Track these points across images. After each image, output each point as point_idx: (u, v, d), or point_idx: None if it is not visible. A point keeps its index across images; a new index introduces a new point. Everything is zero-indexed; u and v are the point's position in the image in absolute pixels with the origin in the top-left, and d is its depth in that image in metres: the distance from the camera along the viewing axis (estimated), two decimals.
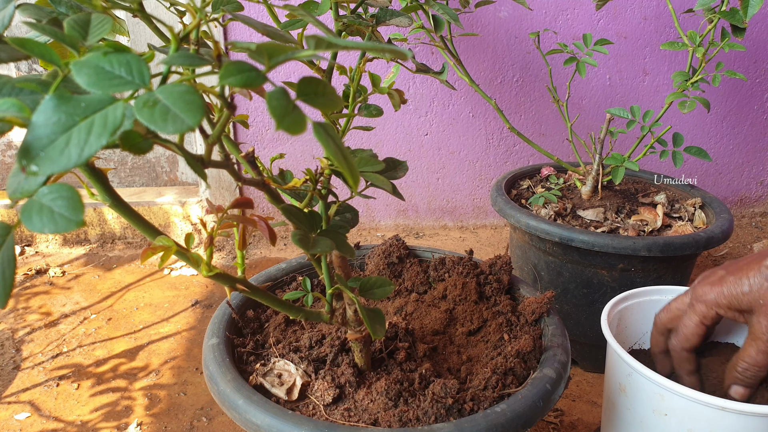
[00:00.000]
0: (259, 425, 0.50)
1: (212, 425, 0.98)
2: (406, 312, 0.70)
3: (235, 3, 0.44)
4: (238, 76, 0.25)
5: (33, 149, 0.23)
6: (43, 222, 0.26)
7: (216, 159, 0.35)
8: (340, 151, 0.27)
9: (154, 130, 0.24)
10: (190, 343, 1.20)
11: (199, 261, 0.40)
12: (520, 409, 0.52)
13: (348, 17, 0.53)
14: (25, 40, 0.26)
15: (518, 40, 1.50)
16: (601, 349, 0.98)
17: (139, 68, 0.26)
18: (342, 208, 0.54)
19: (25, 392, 1.05)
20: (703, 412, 0.67)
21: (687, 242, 0.97)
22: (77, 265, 1.52)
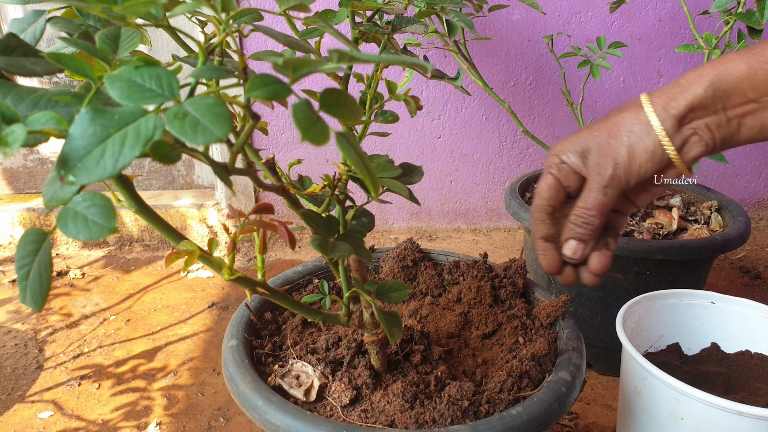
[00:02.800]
0: (278, 425, 0.51)
1: (229, 426, 1.00)
2: (421, 315, 0.71)
3: (255, 13, 0.45)
4: (264, 88, 0.26)
5: (71, 160, 0.24)
6: (78, 229, 0.27)
7: (239, 166, 0.36)
8: (362, 159, 0.28)
9: (185, 141, 0.25)
10: (207, 344, 1.22)
11: (221, 265, 0.41)
12: (535, 411, 0.53)
13: (364, 25, 0.54)
14: (61, 55, 0.27)
15: (531, 43, 1.50)
16: (615, 353, 0.99)
17: (168, 81, 0.27)
18: (359, 212, 0.55)
19: (48, 391, 1.07)
20: (720, 416, 0.67)
21: (703, 245, 0.97)
22: (96, 267, 1.55)
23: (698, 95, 0.52)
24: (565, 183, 0.59)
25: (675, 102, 0.52)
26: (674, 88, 0.53)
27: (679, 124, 0.53)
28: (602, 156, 0.55)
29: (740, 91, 0.52)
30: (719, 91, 0.52)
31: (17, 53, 0.29)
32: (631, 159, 0.54)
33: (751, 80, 0.51)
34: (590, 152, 0.56)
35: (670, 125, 0.53)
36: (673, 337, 0.91)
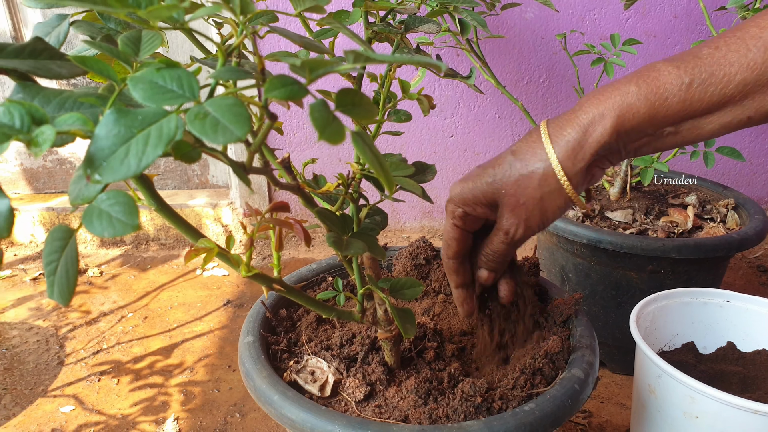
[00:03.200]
0: (294, 420, 0.52)
1: (245, 421, 1.01)
2: (433, 313, 0.71)
3: (270, 14, 0.46)
4: (282, 89, 0.27)
5: (96, 159, 0.25)
6: (102, 226, 0.28)
7: (256, 166, 0.37)
8: (377, 158, 0.29)
9: (205, 141, 0.25)
10: (223, 341, 1.24)
11: (239, 262, 0.42)
12: (548, 408, 0.53)
13: (377, 25, 0.54)
14: (85, 58, 0.28)
15: (544, 41, 1.50)
16: (629, 351, 0.99)
17: (189, 82, 0.28)
18: (372, 210, 0.55)
19: (69, 386, 1.09)
20: (736, 415, 0.67)
21: (719, 244, 0.96)
22: (114, 266, 1.57)
23: (603, 143, 0.52)
24: (470, 229, 0.60)
25: (582, 153, 0.52)
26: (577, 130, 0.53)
27: (587, 172, 0.54)
28: (512, 215, 0.55)
29: (641, 130, 0.52)
30: (622, 134, 0.52)
31: (44, 56, 0.31)
32: (543, 220, 0.55)
33: (651, 120, 0.52)
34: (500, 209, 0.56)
35: (578, 180, 0.53)
36: (688, 335, 0.90)
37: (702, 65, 0.50)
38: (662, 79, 0.51)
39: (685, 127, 0.53)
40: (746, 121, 0.51)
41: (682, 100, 0.51)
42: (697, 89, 0.50)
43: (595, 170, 0.55)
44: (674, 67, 0.51)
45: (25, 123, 0.25)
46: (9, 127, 0.24)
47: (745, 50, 0.49)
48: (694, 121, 0.52)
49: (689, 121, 0.52)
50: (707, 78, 0.50)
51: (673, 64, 0.51)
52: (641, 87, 0.51)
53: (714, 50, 0.50)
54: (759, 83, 0.49)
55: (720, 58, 0.50)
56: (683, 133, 0.53)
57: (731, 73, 0.49)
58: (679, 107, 0.51)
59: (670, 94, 0.51)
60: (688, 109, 0.51)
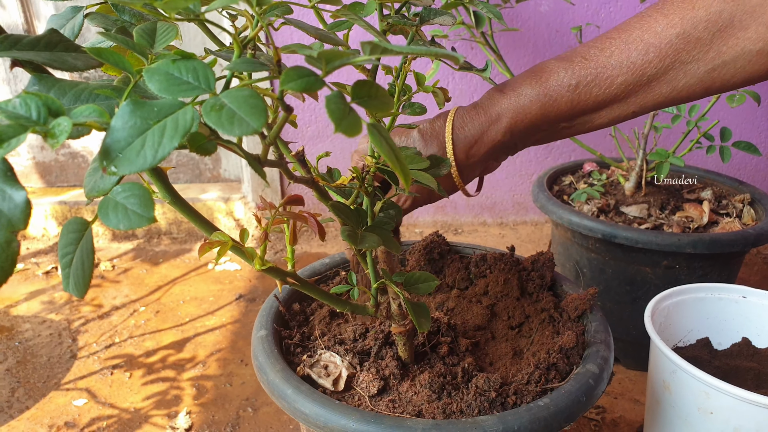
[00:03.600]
0: (308, 414, 0.52)
1: (257, 415, 1.01)
2: (447, 307, 0.71)
3: (285, 6, 0.45)
4: (299, 81, 0.26)
5: (112, 151, 0.25)
6: (118, 218, 0.28)
7: (271, 158, 0.37)
8: (393, 152, 0.28)
9: (222, 133, 0.25)
10: (235, 335, 1.24)
11: (253, 255, 0.42)
12: (563, 403, 0.53)
13: (392, 17, 0.54)
14: (101, 50, 0.28)
15: (559, 34, 1.49)
16: (643, 347, 0.98)
17: (205, 74, 0.28)
18: (386, 204, 0.55)
19: (82, 380, 1.10)
20: (751, 411, 0.66)
21: (735, 239, 0.95)
22: (126, 260, 1.58)
23: (497, 141, 0.56)
24: None
25: (476, 149, 0.57)
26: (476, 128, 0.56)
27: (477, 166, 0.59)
28: None
29: (535, 127, 0.56)
30: (516, 133, 0.56)
31: (59, 48, 0.30)
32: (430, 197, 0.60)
33: (544, 118, 0.56)
34: None
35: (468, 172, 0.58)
36: (703, 331, 0.89)
37: (588, 67, 0.54)
38: (552, 80, 0.55)
39: (578, 122, 0.57)
40: (631, 114, 0.55)
41: (570, 101, 0.55)
42: (583, 90, 0.54)
43: (490, 163, 0.60)
44: (563, 69, 0.55)
45: (41, 115, 0.24)
46: (26, 119, 0.24)
47: (627, 53, 0.53)
48: (585, 117, 0.56)
49: (579, 117, 0.56)
50: (592, 80, 0.54)
51: (563, 65, 0.55)
52: (535, 88, 0.55)
53: (599, 52, 0.54)
54: (639, 83, 0.53)
55: (604, 61, 0.54)
56: (576, 126, 0.57)
57: (614, 75, 0.53)
58: (567, 107, 0.55)
59: (558, 96, 0.55)
60: (575, 108, 0.55)
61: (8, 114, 0.24)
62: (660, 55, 0.52)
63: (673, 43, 0.51)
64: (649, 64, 0.52)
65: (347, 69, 1.44)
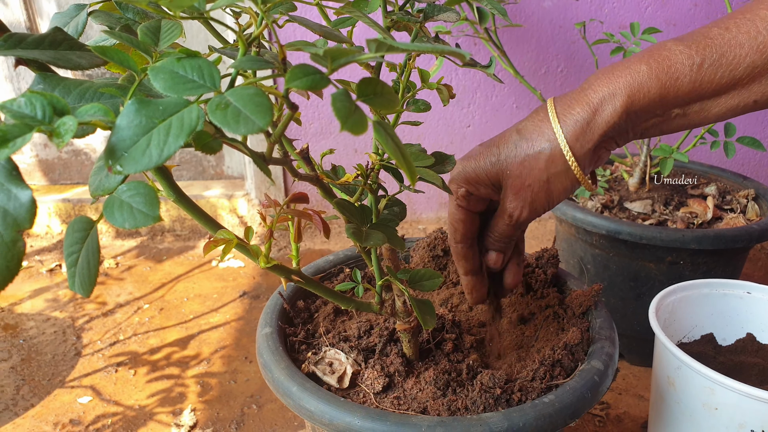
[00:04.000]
0: (313, 411, 0.52)
1: (262, 412, 1.01)
2: (452, 304, 0.71)
3: (289, 3, 0.45)
4: (304, 79, 0.26)
5: (117, 150, 0.25)
6: (123, 217, 0.28)
7: (275, 156, 0.37)
8: (399, 149, 0.28)
9: (227, 131, 0.25)
10: (239, 333, 1.24)
11: (258, 253, 0.42)
12: (568, 400, 0.53)
13: (396, 14, 0.54)
14: (106, 48, 0.28)
15: (563, 30, 1.48)
16: (647, 343, 0.98)
17: (210, 72, 0.28)
18: (390, 201, 0.55)
19: (86, 377, 1.10)
20: (755, 407, 0.66)
21: (739, 235, 0.95)
22: (129, 257, 1.58)
23: (613, 123, 0.51)
24: (475, 210, 0.58)
25: (590, 133, 0.51)
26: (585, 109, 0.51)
27: (594, 153, 0.53)
28: (517, 197, 0.54)
29: (651, 111, 0.51)
30: (632, 114, 0.51)
31: (63, 47, 0.30)
32: (549, 202, 0.54)
33: (662, 100, 0.51)
34: (503, 190, 0.55)
35: (586, 161, 0.52)
36: (707, 327, 0.89)
37: (713, 46, 0.49)
38: (673, 58, 0.50)
39: (693, 109, 0.52)
40: (752, 105, 0.51)
41: (693, 81, 0.50)
42: (708, 70, 0.49)
43: (602, 151, 0.54)
44: (685, 47, 0.50)
45: (47, 114, 0.24)
46: (31, 118, 0.24)
47: (755, 32, 0.48)
48: (702, 103, 0.51)
49: (697, 103, 0.51)
50: (718, 59, 0.49)
51: (684, 44, 0.50)
52: (652, 66, 0.50)
53: (724, 31, 0.49)
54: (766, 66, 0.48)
55: (730, 40, 0.49)
56: (691, 116, 0.52)
57: (741, 55, 0.49)
58: (689, 88, 0.50)
59: (681, 74, 0.50)
60: (697, 90, 0.50)
61: (13, 113, 0.24)
62: None
63: None
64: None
65: (351, 66, 1.43)
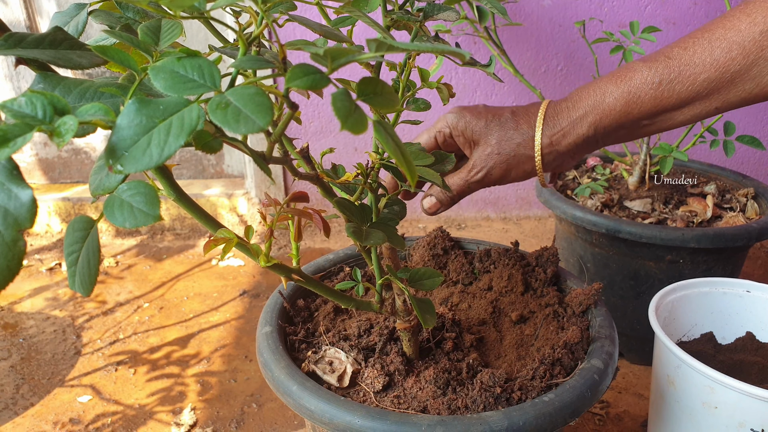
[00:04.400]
0: (313, 410, 0.52)
1: (262, 411, 1.01)
2: (452, 303, 0.71)
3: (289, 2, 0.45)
4: (304, 78, 0.26)
5: (118, 150, 0.25)
6: (124, 216, 0.28)
7: (275, 156, 0.37)
8: (399, 149, 0.28)
9: (227, 131, 0.25)
10: (239, 331, 1.24)
11: (258, 252, 0.42)
12: (568, 398, 0.53)
13: (396, 13, 0.54)
14: (106, 48, 0.28)
15: (562, 29, 1.48)
16: (647, 342, 0.98)
17: (210, 72, 0.28)
18: (390, 200, 0.55)
19: (86, 376, 1.10)
20: (755, 405, 0.66)
21: (739, 233, 0.95)
22: (129, 256, 1.58)
23: (581, 135, 0.60)
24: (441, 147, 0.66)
25: (564, 140, 0.61)
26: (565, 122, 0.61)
27: (559, 157, 0.62)
28: (483, 160, 0.63)
29: (618, 125, 0.59)
30: (600, 129, 0.60)
31: (64, 46, 0.30)
32: (504, 175, 0.63)
33: (627, 116, 0.59)
34: (476, 147, 0.63)
35: (551, 159, 0.62)
36: (707, 326, 0.89)
37: (671, 65, 0.56)
38: (636, 78, 0.57)
39: (659, 119, 0.59)
40: (714, 111, 0.57)
41: (653, 98, 0.57)
42: (666, 87, 0.56)
43: (567, 159, 0.63)
44: (647, 68, 0.57)
45: (47, 113, 0.24)
46: (32, 118, 0.24)
47: (710, 51, 0.55)
48: (666, 114, 0.58)
49: (662, 115, 0.58)
50: (675, 77, 0.56)
51: (647, 65, 0.57)
52: (619, 86, 0.58)
53: (683, 51, 0.56)
54: (722, 80, 0.54)
55: (687, 59, 0.56)
56: (658, 124, 0.59)
57: (696, 73, 0.55)
58: (651, 104, 0.57)
59: (642, 93, 0.57)
60: (659, 105, 0.57)
61: (14, 113, 0.24)
62: (744, 52, 0.53)
63: (756, 40, 0.52)
64: (733, 60, 0.53)
65: (351, 65, 1.43)
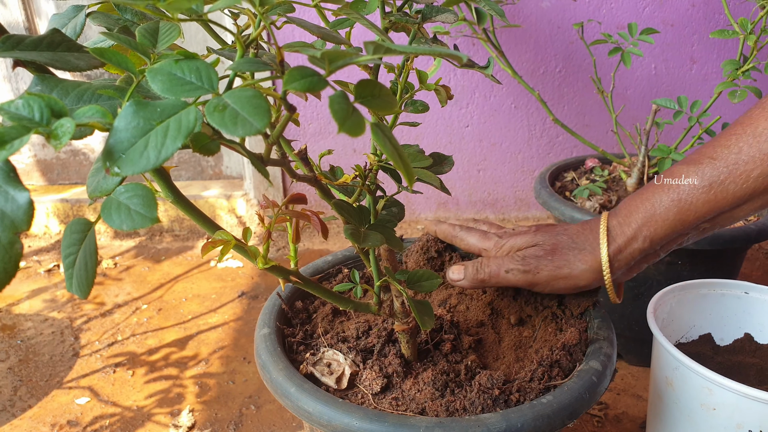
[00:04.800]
0: (311, 412, 0.52)
1: (260, 413, 1.01)
2: (450, 305, 0.71)
3: (287, 5, 0.45)
4: (302, 81, 0.26)
5: (115, 152, 0.25)
6: (121, 219, 0.28)
7: (273, 158, 0.37)
8: (397, 151, 0.28)
9: (225, 133, 0.25)
10: (237, 333, 1.24)
11: (256, 254, 0.42)
12: (566, 400, 0.53)
13: (394, 15, 0.54)
14: (104, 50, 0.28)
15: (561, 30, 1.49)
16: (645, 343, 0.98)
17: (207, 74, 0.28)
18: (389, 202, 0.55)
19: (84, 378, 1.10)
20: (753, 407, 0.66)
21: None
22: (128, 257, 1.58)
23: (639, 249, 0.60)
24: None
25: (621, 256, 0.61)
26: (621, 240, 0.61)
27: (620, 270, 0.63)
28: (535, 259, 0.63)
29: (675, 233, 0.59)
30: (656, 240, 0.60)
31: (62, 48, 0.30)
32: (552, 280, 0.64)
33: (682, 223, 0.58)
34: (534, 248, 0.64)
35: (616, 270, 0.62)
36: (705, 327, 0.89)
37: (719, 167, 0.55)
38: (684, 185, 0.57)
39: (719, 219, 0.58)
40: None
41: (707, 201, 0.56)
42: (719, 189, 0.55)
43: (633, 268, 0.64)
44: (693, 173, 0.57)
45: (44, 116, 0.24)
46: (29, 120, 0.24)
47: (757, 146, 0.54)
48: (726, 213, 0.57)
49: (721, 216, 0.58)
50: (726, 178, 0.55)
51: (692, 168, 0.57)
52: (668, 194, 0.58)
53: (727, 150, 0.55)
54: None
55: (735, 158, 0.55)
56: (720, 223, 0.59)
57: (748, 170, 0.54)
58: (706, 208, 0.56)
59: (694, 198, 0.56)
60: (714, 208, 0.56)
61: (11, 115, 0.24)
62: None
63: None
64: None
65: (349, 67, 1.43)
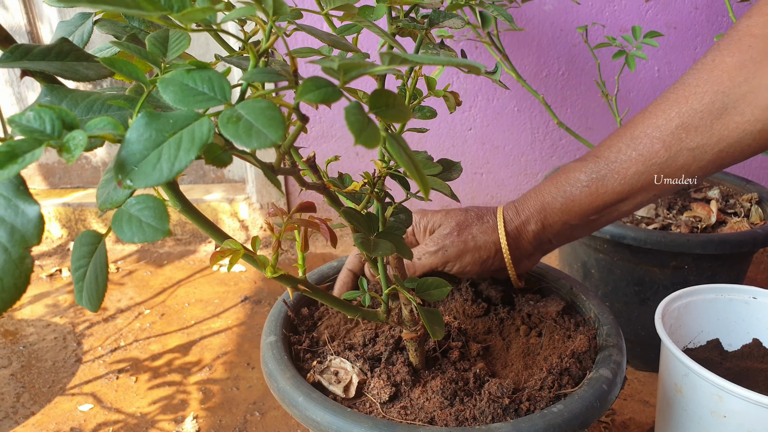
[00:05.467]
0: (319, 422, 0.52)
1: (265, 420, 1.01)
2: (457, 311, 0.70)
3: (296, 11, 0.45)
4: (317, 92, 0.26)
5: (127, 164, 0.25)
6: (132, 231, 0.27)
7: (284, 167, 0.36)
8: (412, 161, 0.28)
9: (239, 145, 0.25)
10: (241, 338, 1.23)
11: (265, 263, 0.41)
12: (577, 409, 0.52)
13: (401, 20, 0.53)
14: (114, 59, 0.28)
15: (564, 33, 1.48)
16: (652, 348, 0.97)
17: (220, 84, 0.27)
18: (397, 209, 0.54)
19: (87, 384, 1.10)
20: (764, 414, 0.65)
21: (744, 239, 0.95)
22: (130, 262, 1.57)
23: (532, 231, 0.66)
24: None
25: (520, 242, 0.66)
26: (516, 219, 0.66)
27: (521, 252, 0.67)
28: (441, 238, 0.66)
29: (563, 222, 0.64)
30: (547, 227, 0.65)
31: (70, 58, 0.30)
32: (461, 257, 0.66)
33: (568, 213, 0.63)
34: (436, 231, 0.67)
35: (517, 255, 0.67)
36: (713, 332, 0.89)
37: (599, 164, 0.61)
38: (570, 179, 0.62)
39: (605, 212, 0.63)
40: (654, 198, 0.61)
41: (588, 195, 0.61)
42: (599, 184, 0.60)
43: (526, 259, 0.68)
44: (577, 169, 0.62)
45: (56, 128, 0.24)
46: (40, 133, 0.23)
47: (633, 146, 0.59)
48: (610, 207, 0.62)
49: (606, 209, 0.62)
50: (606, 174, 0.60)
51: (578, 165, 0.62)
52: (556, 187, 0.64)
53: (608, 150, 0.61)
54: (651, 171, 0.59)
55: (614, 156, 0.60)
56: (606, 216, 0.64)
57: (625, 168, 0.59)
58: (588, 201, 0.61)
59: (577, 191, 0.62)
60: (595, 201, 0.61)
61: (22, 128, 0.24)
62: (665, 145, 0.57)
63: (675, 133, 0.57)
64: (656, 154, 0.58)
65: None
